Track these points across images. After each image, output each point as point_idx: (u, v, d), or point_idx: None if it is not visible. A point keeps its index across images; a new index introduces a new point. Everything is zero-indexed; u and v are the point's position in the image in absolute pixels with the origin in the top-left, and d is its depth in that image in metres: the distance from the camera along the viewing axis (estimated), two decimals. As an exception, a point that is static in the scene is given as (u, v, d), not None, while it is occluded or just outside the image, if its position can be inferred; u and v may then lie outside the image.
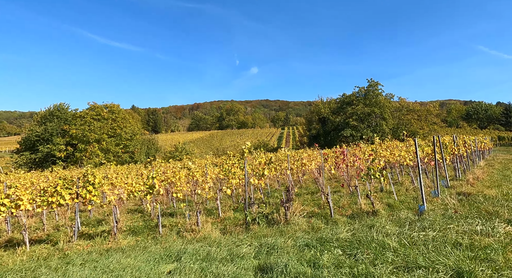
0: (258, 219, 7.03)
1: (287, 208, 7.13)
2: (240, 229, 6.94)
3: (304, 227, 6.57)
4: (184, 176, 7.65)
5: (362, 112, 46.24)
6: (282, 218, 7.08)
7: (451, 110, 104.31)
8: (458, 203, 7.97)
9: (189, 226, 6.91)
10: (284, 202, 7.15)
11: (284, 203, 7.12)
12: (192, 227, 6.85)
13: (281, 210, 7.19)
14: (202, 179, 7.93)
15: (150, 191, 6.71)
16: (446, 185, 10.71)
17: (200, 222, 6.93)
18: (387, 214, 7.28)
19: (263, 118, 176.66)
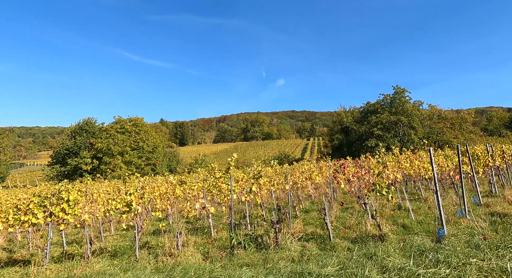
0: (244, 242, 6.20)
1: (278, 230, 6.24)
2: (224, 253, 6.15)
3: (295, 254, 5.63)
4: (165, 192, 7.07)
5: (387, 120, 43.41)
6: (273, 242, 6.19)
7: (492, 118, 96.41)
8: (489, 227, 6.60)
9: (168, 249, 6.24)
10: (275, 223, 6.27)
11: (274, 224, 6.24)
12: (172, 251, 6.17)
13: (271, 233, 6.31)
14: (185, 195, 7.31)
15: (127, 209, 6.15)
16: (478, 203, 9.18)
17: (180, 245, 6.22)
18: (397, 238, 6.13)
19: (288, 129, 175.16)
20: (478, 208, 8.65)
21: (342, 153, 44.99)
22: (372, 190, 6.40)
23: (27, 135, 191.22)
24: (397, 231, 6.97)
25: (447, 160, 13.17)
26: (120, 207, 6.07)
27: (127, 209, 6.19)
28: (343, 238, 6.64)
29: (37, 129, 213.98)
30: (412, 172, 10.91)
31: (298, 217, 9.73)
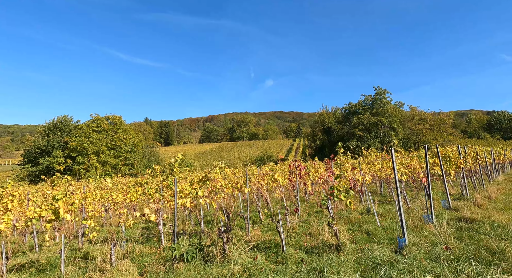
0: (187, 254, 5.51)
1: (225, 239, 5.59)
2: (164, 268, 5.44)
3: (238, 270, 4.99)
4: (100, 198, 6.32)
5: (368, 121, 43.52)
6: (219, 253, 5.53)
7: (471, 120, 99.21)
8: (454, 234, 6.17)
9: (100, 264, 5.48)
10: (222, 232, 5.61)
11: (221, 233, 5.58)
12: (104, 265, 5.41)
13: (218, 243, 5.65)
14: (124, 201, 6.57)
15: (53, 217, 5.35)
16: (448, 207, 8.82)
17: (114, 258, 5.48)
18: (355, 248, 5.59)
19: (275, 130, 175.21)
20: (447, 213, 8.27)
21: (324, 154, 44.84)
22: (330, 194, 5.85)
23: (6, 133, 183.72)
24: (360, 239, 6.46)
25: (420, 161, 12.89)
26: (46, 215, 5.27)
27: (53, 217, 5.40)
28: (300, 247, 6.06)
29: (16, 127, 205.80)
30: (384, 174, 10.51)
31: (262, 222, 9.12)
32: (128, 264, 5.57)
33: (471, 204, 8.87)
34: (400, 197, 5.77)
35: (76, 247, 7.41)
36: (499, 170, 20.55)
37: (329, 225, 5.60)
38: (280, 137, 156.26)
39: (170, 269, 5.32)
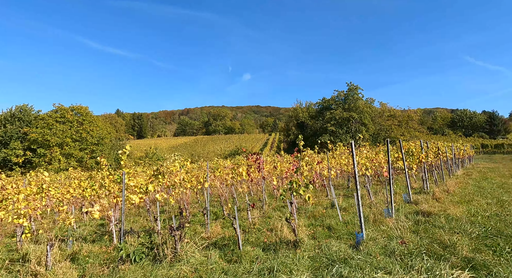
0: (135, 254, 5.09)
1: (177, 238, 5.22)
2: (107, 270, 4.99)
3: (188, 270, 4.66)
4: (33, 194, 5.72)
5: (340, 117, 44.55)
6: (170, 252, 5.16)
7: (437, 118, 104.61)
8: (411, 228, 6.21)
9: (34, 267, 4.92)
10: (174, 230, 5.24)
11: (173, 231, 5.20)
12: (38, 269, 4.86)
13: (169, 242, 5.27)
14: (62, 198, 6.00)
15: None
16: (408, 200, 8.98)
17: (50, 260, 4.93)
18: (313, 244, 5.44)
19: (252, 124, 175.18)
20: (407, 206, 8.41)
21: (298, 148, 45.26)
22: (289, 188, 5.64)
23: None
24: (320, 234, 6.34)
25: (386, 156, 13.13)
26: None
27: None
28: (258, 244, 5.82)
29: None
30: (350, 168, 10.56)
31: (225, 218, 8.82)
32: (67, 267, 5.06)
33: (430, 197, 9.10)
34: (359, 191, 5.68)
35: (14, 248, 6.71)
36: (459, 165, 21.64)
37: (287, 221, 5.40)
38: (256, 132, 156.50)
39: (113, 271, 4.88)
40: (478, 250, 4.65)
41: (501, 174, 17.23)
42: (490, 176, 16.21)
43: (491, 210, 7.52)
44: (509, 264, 4.14)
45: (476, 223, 6.28)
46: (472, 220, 6.51)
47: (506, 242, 4.99)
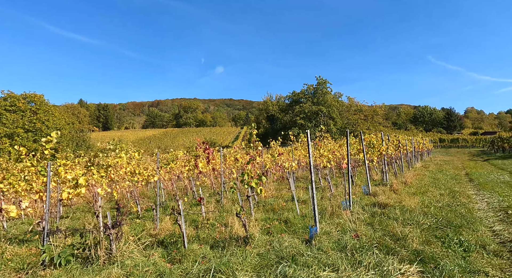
0: (60, 257, 4.44)
1: (113, 237, 4.63)
2: (25, 277, 4.30)
3: (120, 273, 4.12)
4: None
5: (309, 110, 45.18)
6: (104, 254, 4.57)
7: (401, 114, 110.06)
8: (367, 220, 6.11)
9: None
10: (109, 228, 4.64)
11: (108, 230, 4.61)
12: None
13: (103, 242, 4.67)
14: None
15: None
16: (367, 192, 9.00)
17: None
18: (266, 240, 5.11)
19: (224, 117, 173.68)
20: (366, 198, 8.41)
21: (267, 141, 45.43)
22: (241, 181, 5.25)
23: None
24: (276, 228, 6.03)
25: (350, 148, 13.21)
26: None
27: None
28: (208, 241, 5.38)
29: None
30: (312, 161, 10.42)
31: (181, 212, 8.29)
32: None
33: (388, 189, 9.19)
34: (314, 183, 5.42)
35: None
36: (418, 158, 22.64)
37: (237, 216, 5.01)
38: (229, 125, 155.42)
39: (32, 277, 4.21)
40: (428, 242, 4.57)
41: (455, 166, 18.21)
42: (445, 168, 17.04)
43: (443, 200, 7.69)
44: (456, 255, 4.07)
45: (428, 214, 6.31)
46: (425, 211, 6.55)
47: (455, 233, 4.99)
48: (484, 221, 5.78)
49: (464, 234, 4.92)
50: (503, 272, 3.54)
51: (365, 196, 8.72)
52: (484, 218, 6.02)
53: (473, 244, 4.45)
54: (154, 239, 5.76)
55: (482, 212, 6.52)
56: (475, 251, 4.21)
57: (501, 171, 14.08)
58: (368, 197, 8.56)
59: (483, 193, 8.72)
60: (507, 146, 28.77)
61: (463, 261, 3.83)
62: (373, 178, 12.67)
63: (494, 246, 4.38)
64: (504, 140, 29.77)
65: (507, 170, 14.18)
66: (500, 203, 7.12)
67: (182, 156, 8.35)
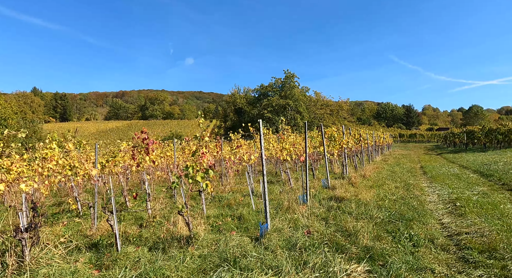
0: (-44, 267, 3.66)
1: (27, 241, 3.92)
2: None
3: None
4: None
5: (277, 104, 45.28)
6: (13, 262, 3.85)
7: (365, 109, 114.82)
8: (322, 215, 5.90)
9: None
10: (22, 231, 3.93)
11: (19, 233, 3.89)
12: None
13: (12, 248, 3.94)
14: None
15: None
16: (327, 186, 8.90)
17: None
18: (212, 239, 4.66)
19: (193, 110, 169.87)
20: (325, 192, 8.28)
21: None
22: (185, 175, 4.74)
23: None
24: (229, 225, 5.62)
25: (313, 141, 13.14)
26: None
27: None
28: (148, 242, 4.82)
29: None
30: (274, 153, 10.14)
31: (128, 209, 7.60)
32: None
33: (347, 182, 9.16)
34: (265, 177, 5.06)
35: None
36: (378, 152, 23.48)
37: (180, 214, 4.51)
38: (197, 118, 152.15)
39: None
40: (379, 237, 4.41)
41: (411, 160, 19.06)
42: (403, 161, 17.74)
43: (398, 193, 7.76)
44: (405, 251, 3.93)
45: (383, 207, 6.26)
46: (380, 204, 6.50)
47: (406, 227, 4.90)
48: (434, 214, 5.82)
49: (415, 227, 4.85)
50: (449, 268, 3.42)
51: (324, 189, 8.60)
52: (434, 211, 6.08)
53: (422, 238, 4.35)
54: (88, 241, 5.10)
55: (433, 205, 6.61)
56: (423, 245, 4.10)
57: (452, 164, 14.87)
58: (327, 190, 8.44)
59: (435, 185, 8.99)
60: (457, 141, 30.87)
61: (412, 257, 3.68)
62: (334, 171, 12.73)
63: (442, 239, 4.31)
64: (455, 136, 31.93)
65: (457, 163, 15.01)
66: (449, 195, 7.29)
67: (126, 147, 7.60)
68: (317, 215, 5.90)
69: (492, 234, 4.17)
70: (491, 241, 3.93)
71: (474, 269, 3.31)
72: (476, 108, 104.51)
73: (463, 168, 12.87)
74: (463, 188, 8.18)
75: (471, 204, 6.09)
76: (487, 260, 3.45)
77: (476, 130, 26.13)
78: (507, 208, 5.67)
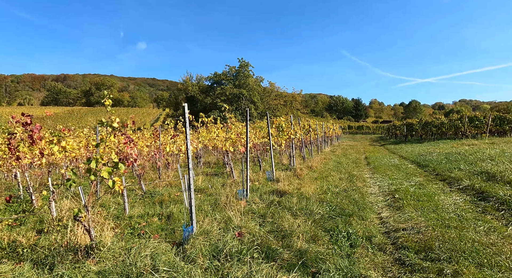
0: None
1: None
2: None
3: None
4: None
5: (230, 93, 44.22)
6: None
7: (318, 102, 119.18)
8: (261, 211, 5.36)
9: None
10: None
11: None
12: None
13: None
14: None
15: None
16: (271, 178, 8.45)
17: None
18: (120, 248, 3.82)
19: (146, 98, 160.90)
20: (269, 185, 7.81)
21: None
22: (87, 170, 3.79)
23: None
24: (152, 227, 4.80)
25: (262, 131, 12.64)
26: None
27: None
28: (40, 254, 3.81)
29: None
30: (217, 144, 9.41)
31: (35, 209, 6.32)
32: None
33: (292, 174, 8.83)
34: (192, 171, 4.33)
35: None
36: (328, 143, 24.07)
37: (76, 219, 3.58)
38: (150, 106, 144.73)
39: None
40: (315, 238, 3.98)
41: (357, 151, 19.76)
42: (350, 152, 18.27)
43: (341, 185, 7.59)
44: (341, 253, 3.53)
45: (325, 201, 5.94)
46: (322, 198, 6.18)
47: (345, 223, 4.57)
48: (374, 207, 5.64)
49: (354, 224, 4.54)
50: (385, 274, 3.07)
51: (269, 182, 8.14)
52: (374, 203, 5.92)
53: (360, 236, 4.03)
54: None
55: (374, 197, 6.49)
56: (361, 245, 3.76)
57: (393, 155, 15.59)
58: (271, 183, 7.99)
59: (377, 176, 9.08)
60: (398, 133, 33.17)
61: (347, 262, 3.27)
62: (283, 162, 12.44)
63: (380, 237, 4.03)
64: (397, 128, 34.27)
65: (397, 154, 15.79)
66: (389, 187, 7.30)
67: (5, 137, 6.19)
68: (254, 212, 5.35)
69: (428, 230, 3.98)
70: (427, 239, 3.70)
71: (411, 274, 2.99)
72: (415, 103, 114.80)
73: (403, 159, 13.48)
74: (401, 179, 8.32)
75: (408, 196, 6.05)
76: (423, 263, 3.16)
77: (414, 123, 28.16)
78: (441, 200, 5.69)
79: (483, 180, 6.60)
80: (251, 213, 5.31)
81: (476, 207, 5.08)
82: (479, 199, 5.53)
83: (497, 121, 21.09)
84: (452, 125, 22.74)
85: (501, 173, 6.62)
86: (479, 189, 6.00)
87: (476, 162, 8.70)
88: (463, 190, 6.35)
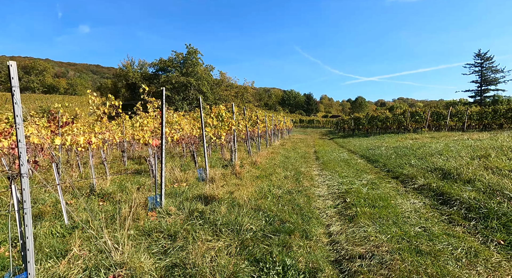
0: None
1: None
2: None
3: None
4: None
5: (177, 81, 40.98)
6: None
7: (272, 96, 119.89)
8: (173, 227, 3.82)
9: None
10: None
11: None
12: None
13: None
14: None
15: None
16: (203, 178, 6.92)
17: None
18: None
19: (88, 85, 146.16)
20: (199, 186, 6.27)
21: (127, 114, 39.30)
22: None
23: None
24: None
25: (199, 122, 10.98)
26: None
27: None
28: None
29: None
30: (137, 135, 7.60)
31: None
32: None
33: (230, 172, 7.42)
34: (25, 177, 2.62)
35: None
36: (278, 136, 23.23)
37: None
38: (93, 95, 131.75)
39: None
40: None
41: (307, 144, 19.15)
42: (299, 146, 17.51)
43: (286, 186, 6.38)
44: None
45: (262, 209, 4.61)
46: (259, 204, 4.84)
47: (283, 247, 3.27)
48: (321, 216, 4.47)
49: (295, 247, 3.26)
50: None
51: (200, 183, 6.60)
52: (322, 210, 4.77)
53: (302, 271, 2.74)
54: None
55: (321, 201, 5.36)
56: (301, 291, 2.45)
57: (342, 149, 15.11)
58: (202, 184, 6.46)
59: (325, 173, 8.11)
60: (346, 127, 33.92)
61: None
62: (225, 157, 10.98)
63: (328, 272, 2.78)
64: (345, 122, 35.05)
65: (346, 148, 15.36)
66: (339, 187, 6.27)
67: None
68: (162, 231, 3.80)
69: (394, 260, 2.84)
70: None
71: None
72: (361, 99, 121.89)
73: (352, 153, 12.95)
74: (352, 176, 7.41)
75: (362, 200, 5.01)
76: None
77: (361, 117, 28.78)
78: (398, 205, 4.74)
79: (438, 178, 5.88)
80: (156, 232, 3.75)
81: (441, 215, 4.17)
82: (440, 203, 4.68)
83: (434, 116, 22.21)
84: (396, 120, 23.45)
85: (456, 169, 5.97)
86: (437, 189, 5.20)
87: (426, 157, 8.18)
88: (420, 190, 5.53)
